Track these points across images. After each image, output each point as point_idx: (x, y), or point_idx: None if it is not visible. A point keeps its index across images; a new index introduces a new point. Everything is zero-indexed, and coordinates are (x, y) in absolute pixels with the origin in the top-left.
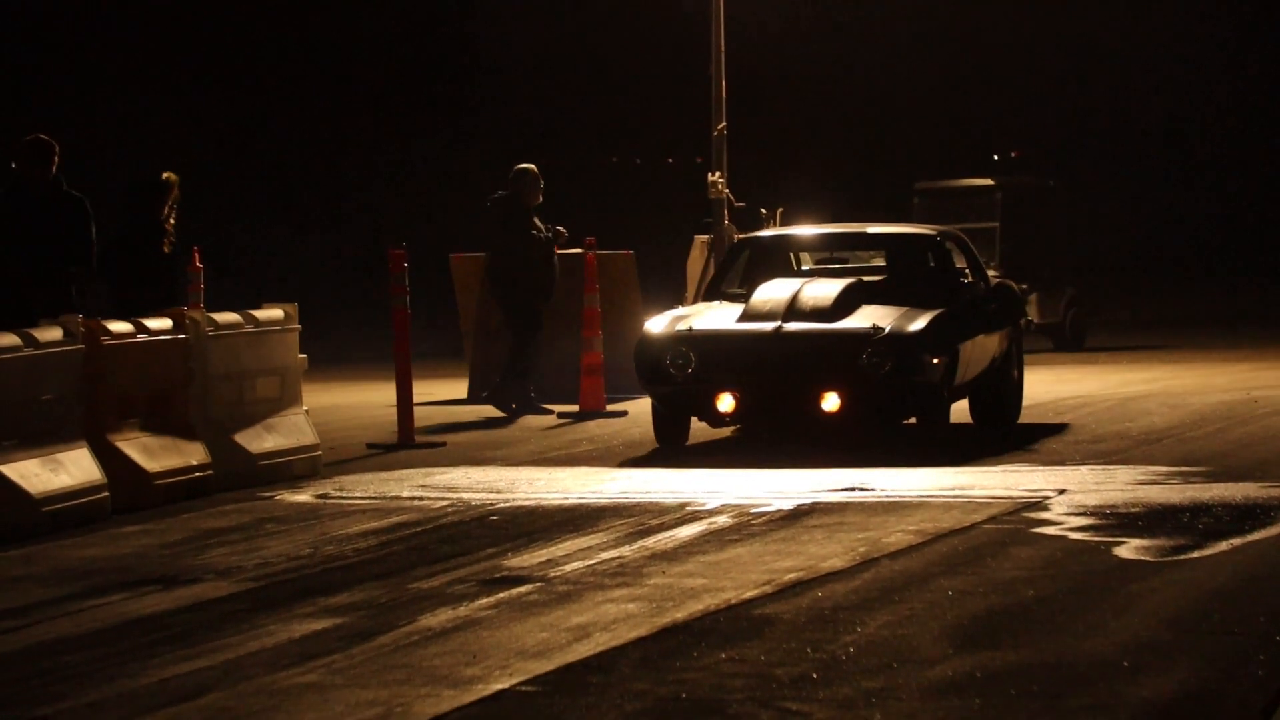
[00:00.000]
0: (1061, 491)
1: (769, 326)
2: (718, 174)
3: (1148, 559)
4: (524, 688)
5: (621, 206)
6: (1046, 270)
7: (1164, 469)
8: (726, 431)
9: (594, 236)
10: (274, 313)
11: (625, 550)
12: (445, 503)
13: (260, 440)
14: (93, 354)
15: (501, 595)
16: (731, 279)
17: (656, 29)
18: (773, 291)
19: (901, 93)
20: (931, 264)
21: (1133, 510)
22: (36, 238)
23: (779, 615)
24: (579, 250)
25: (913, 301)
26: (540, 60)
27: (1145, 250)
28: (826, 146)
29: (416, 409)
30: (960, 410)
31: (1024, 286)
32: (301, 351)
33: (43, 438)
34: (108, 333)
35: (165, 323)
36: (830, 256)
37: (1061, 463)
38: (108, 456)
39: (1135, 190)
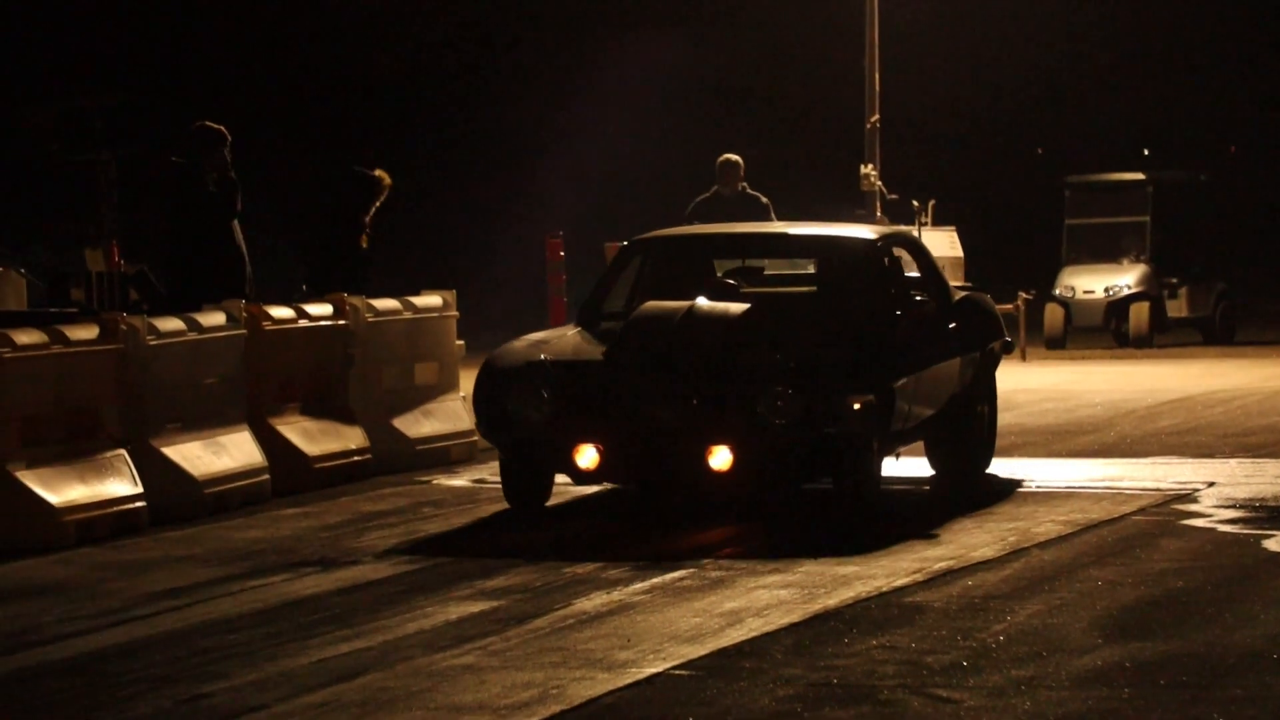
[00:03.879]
0: (1211, 484)
1: (644, 359)
2: (870, 166)
3: None
4: (677, 671)
5: (773, 199)
6: (1197, 264)
7: None
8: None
9: None
10: (433, 299)
11: (778, 537)
12: (598, 489)
13: (418, 425)
14: (255, 339)
15: (655, 580)
16: (617, 294)
17: (811, 17)
18: (652, 315)
19: (1056, 84)
20: (868, 277)
21: None
22: (216, 226)
23: (930, 603)
24: None
25: (835, 326)
26: (697, 45)
27: None
28: (979, 139)
29: None
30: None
31: (1174, 280)
32: (460, 338)
33: (205, 421)
34: (269, 318)
35: (326, 309)
36: (743, 265)
37: (1210, 455)
38: (268, 440)
39: None
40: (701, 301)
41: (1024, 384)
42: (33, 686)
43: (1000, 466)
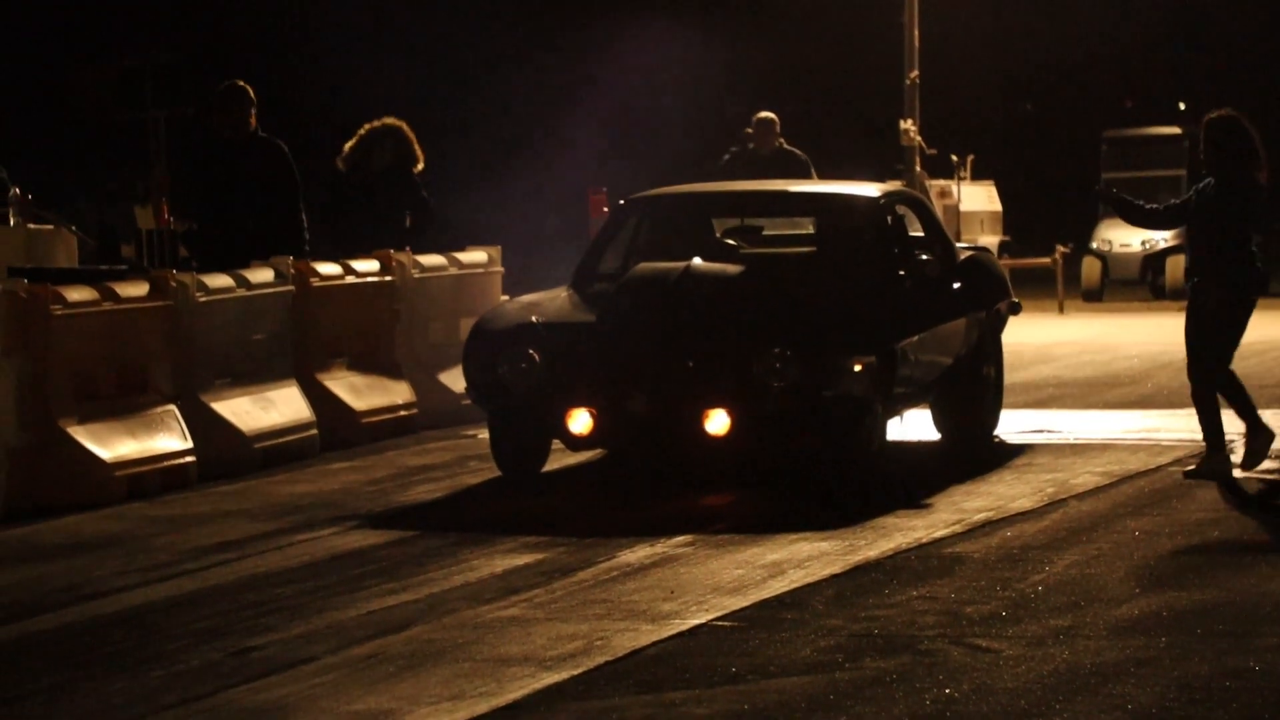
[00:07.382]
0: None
1: (639, 321)
2: (909, 121)
3: None
4: (720, 623)
5: (811, 155)
6: None
7: None
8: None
9: None
10: (478, 255)
11: (805, 497)
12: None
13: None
14: (302, 295)
15: (698, 533)
16: (612, 254)
17: None
18: (647, 276)
19: (1092, 39)
20: (869, 236)
21: None
22: (234, 186)
23: (969, 554)
24: None
25: (835, 286)
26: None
27: None
28: (1016, 93)
29: None
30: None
31: None
32: (504, 293)
33: (254, 376)
34: (317, 274)
35: (372, 265)
36: (742, 224)
37: None
38: (316, 395)
39: None
40: (698, 262)
41: (1062, 336)
42: (85, 639)
43: (1038, 419)
